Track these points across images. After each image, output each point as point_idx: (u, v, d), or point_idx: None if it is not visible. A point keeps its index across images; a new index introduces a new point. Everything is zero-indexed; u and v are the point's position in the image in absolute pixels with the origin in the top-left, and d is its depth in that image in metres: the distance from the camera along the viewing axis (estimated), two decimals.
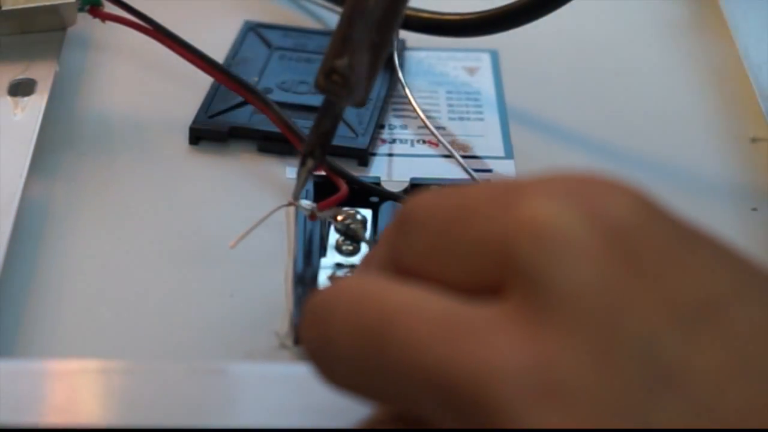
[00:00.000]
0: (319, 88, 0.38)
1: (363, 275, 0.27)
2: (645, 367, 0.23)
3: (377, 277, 0.26)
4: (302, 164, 0.39)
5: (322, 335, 0.25)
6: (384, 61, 0.38)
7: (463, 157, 0.43)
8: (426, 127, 0.44)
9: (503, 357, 0.23)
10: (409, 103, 0.46)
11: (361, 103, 0.38)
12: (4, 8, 0.44)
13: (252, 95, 0.43)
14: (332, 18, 0.51)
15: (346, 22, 0.37)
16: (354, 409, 0.27)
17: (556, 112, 0.47)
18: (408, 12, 0.44)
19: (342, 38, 0.37)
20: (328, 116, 0.38)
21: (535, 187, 0.24)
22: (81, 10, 0.44)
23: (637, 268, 0.23)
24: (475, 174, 0.42)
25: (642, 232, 0.24)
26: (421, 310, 0.24)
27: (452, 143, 0.44)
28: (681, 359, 0.23)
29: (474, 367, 0.23)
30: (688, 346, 0.23)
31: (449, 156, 0.43)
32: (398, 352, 0.24)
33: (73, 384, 0.31)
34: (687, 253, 0.24)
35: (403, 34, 0.48)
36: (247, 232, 0.38)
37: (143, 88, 0.47)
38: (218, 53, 0.46)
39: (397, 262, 0.26)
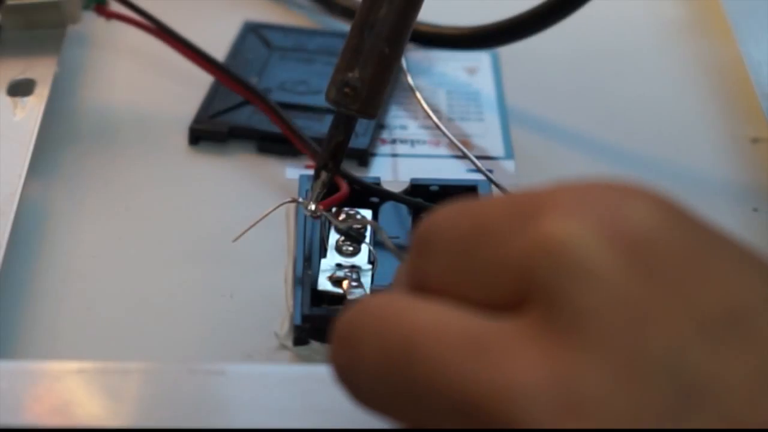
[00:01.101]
0: (331, 101, 0.38)
1: (388, 294, 0.27)
2: (670, 381, 0.22)
3: (401, 297, 0.26)
4: (316, 177, 0.39)
5: (349, 358, 0.25)
6: (396, 73, 0.38)
7: (463, 157, 0.43)
8: (438, 127, 0.44)
9: (525, 374, 0.23)
10: (411, 103, 0.46)
11: (373, 116, 0.38)
12: (8, 2, 0.44)
13: (252, 95, 0.43)
14: (332, 18, 0.51)
15: (357, 34, 0.37)
16: (353, 410, 0.27)
17: (556, 112, 0.47)
18: None
19: (353, 50, 0.37)
20: (340, 129, 0.38)
21: (553, 202, 0.24)
22: (86, 7, 0.45)
23: (659, 279, 0.23)
24: (487, 173, 0.42)
25: (662, 240, 0.23)
26: (443, 328, 0.24)
27: (452, 144, 0.44)
28: (708, 372, 0.22)
29: (496, 384, 0.23)
30: (715, 358, 0.22)
31: (450, 156, 0.43)
32: (422, 370, 0.24)
33: (73, 384, 0.31)
34: (710, 260, 0.23)
35: None
36: (250, 228, 0.38)
37: (143, 88, 0.47)
38: (218, 53, 0.46)
39: (420, 282, 0.26)
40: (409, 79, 0.46)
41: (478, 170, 0.42)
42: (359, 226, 0.38)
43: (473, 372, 0.23)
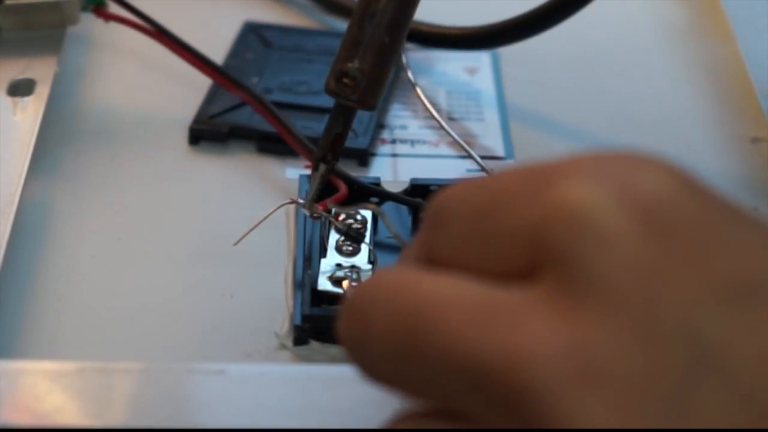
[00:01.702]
0: (330, 91, 0.38)
1: (398, 268, 0.27)
2: (685, 349, 0.22)
3: (412, 269, 0.26)
4: (315, 169, 0.39)
5: (360, 330, 0.25)
6: (395, 63, 0.38)
7: (463, 157, 0.43)
8: (438, 122, 0.44)
9: (538, 341, 0.22)
10: (412, 103, 0.46)
11: (372, 107, 0.38)
12: (7, 2, 0.44)
13: (249, 96, 0.43)
14: (332, 18, 0.51)
15: (356, 24, 0.37)
16: (354, 410, 0.27)
17: (556, 112, 0.47)
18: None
19: (352, 41, 0.37)
20: (339, 120, 0.38)
21: (566, 169, 0.24)
22: (85, 9, 0.45)
23: (674, 246, 0.23)
24: (490, 172, 0.42)
25: (678, 208, 0.23)
26: (455, 297, 0.24)
27: (453, 143, 0.44)
28: (723, 341, 0.22)
29: (508, 351, 0.22)
30: (730, 327, 0.22)
31: (450, 156, 0.43)
32: (434, 340, 0.24)
33: (73, 384, 0.31)
34: (725, 229, 0.23)
35: None
36: (250, 231, 0.38)
37: (143, 88, 0.47)
38: (218, 53, 0.46)
39: (431, 255, 0.26)
40: (410, 74, 0.46)
41: (482, 168, 0.42)
42: (359, 225, 0.38)
43: (486, 340, 0.23)
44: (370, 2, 0.37)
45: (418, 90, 0.42)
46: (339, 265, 0.38)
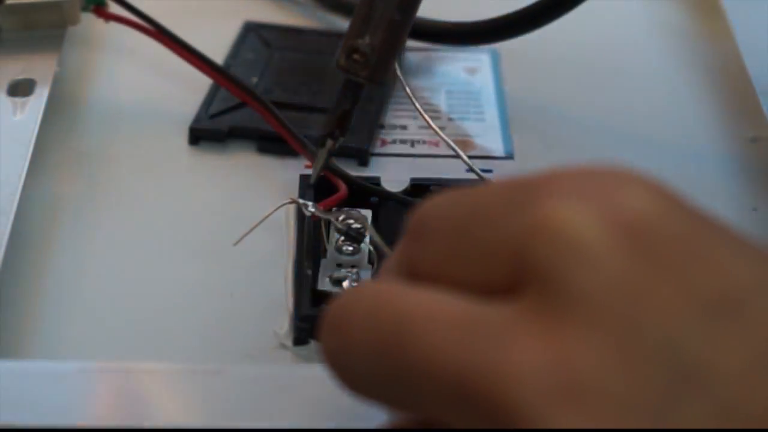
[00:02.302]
0: (340, 67, 0.38)
1: (379, 281, 0.27)
2: (667, 365, 0.22)
3: (393, 283, 0.26)
4: (321, 145, 0.39)
5: (340, 343, 0.25)
6: (405, 41, 0.38)
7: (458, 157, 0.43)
8: (429, 126, 0.44)
9: (521, 356, 0.22)
10: (411, 103, 0.46)
11: (381, 83, 0.38)
12: (7, 2, 0.44)
13: (251, 98, 0.43)
14: (332, 18, 0.51)
15: (367, 1, 0.37)
16: (353, 410, 0.27)
17: (556, 112, 0.47)
18: None
19: (363, 17, 0.38)
20: (348, 96, 0.39)
21: (549, 185, 0.24)
22: (85, 9, 0.45)
23: (656, 263, 0.23)
24: (480, 173, 0.42)
25: (660, 225, 0.23)
26: (437, 313, 0.24)
27: (452, 143, 0.44)
28: (704, 356, 0.22)
29: (491, 367, 0.23)
30: (712, 342, 0.22)
31: (451, 156, 0.43)
32: (415, 356, 0.24)
33: (74, 384, 0.31)
34: (707, 245, 0.23)
35: None
36: (250, 231, 0.38)
37: (143, 88, 0.47)
38: (218, 53, 0.46)
39: (412, 269, 0.26)
40: (400, 74, 0.45)
41: (471, 170, 0.42)
42: (359, 225, 0.38)
43: (468, 356, 0.23)
44: None
45: (409, 91, 0.42)
46: (339, 265, 0.38)
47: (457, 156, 0.43)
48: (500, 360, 0.22)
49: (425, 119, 0.44)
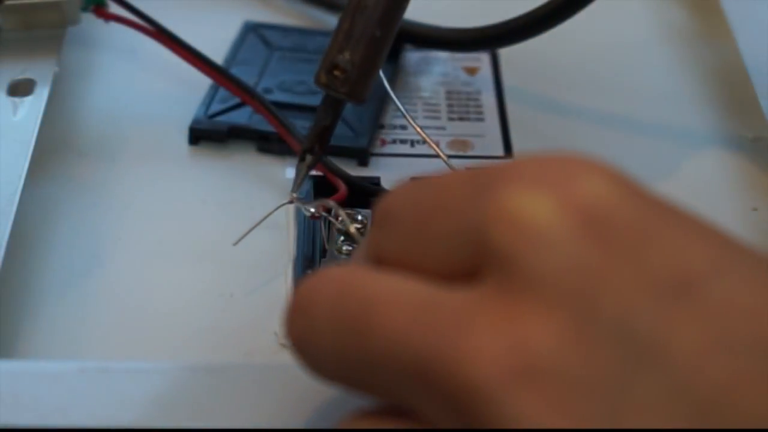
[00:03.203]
0: (320, 84, 0.38)
1: (345, 266, 0.28)
2: (622, 345, 0.23)
3: (357, 267, 0.26)
4: (301, 159, 0.39)
5: (305, 325, 0.26)
6: (386, 57, 0.38)
7: (463, 157, 0.43)
8: (419, 134, 0.44)
9: (479, 340, 0.23)
10: (411, 103, 0.46)
11: (361, 100, 0.38)
12: (7, 2, 0.44)
13: (251, 97, 0.43)
14: (332, 18, 0.51)
15: (348, 17, 0.37)
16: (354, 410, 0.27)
17: (556, 113, 0.47)
18: (405, 26, 0.44)
19: (343, 33, 0.37)
20: (328, 112, 0.39)
21: (508, 173, 0.25)
22: (85, 9, 0.44)
23: (611, 246, 0.23)
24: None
25: (616, 210, 0.24)
26: (399, 296, 0.24)
27: (452, 143, 0.44)
28: (659, 336, 0.23)
29: (450, 350, 0.23)
30: (666, 322, 0.23)
31: (451, 156, 0.43)
32: (377, 338, 0.24)
33: (73, 384, 0.31)
34: (663, 230, 0.24)
35: None
36: (250, 230, 0.38)
37: (143, 88, 0.47)
38: (218, 53, 0.46)
39: (377, 255, 0.26)
40: (386, 84, 0.45)
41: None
42: (359, 225, 0.38)
43: (428, 339, 0.23)
44: None
45: (394, 96, 0.42)
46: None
47: (457, 157, 0.43)
48: (459, 343, 0.23)
49: (409, 121, 0.44)
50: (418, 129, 0.42)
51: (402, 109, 0.42)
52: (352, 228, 0.37)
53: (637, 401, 0.22)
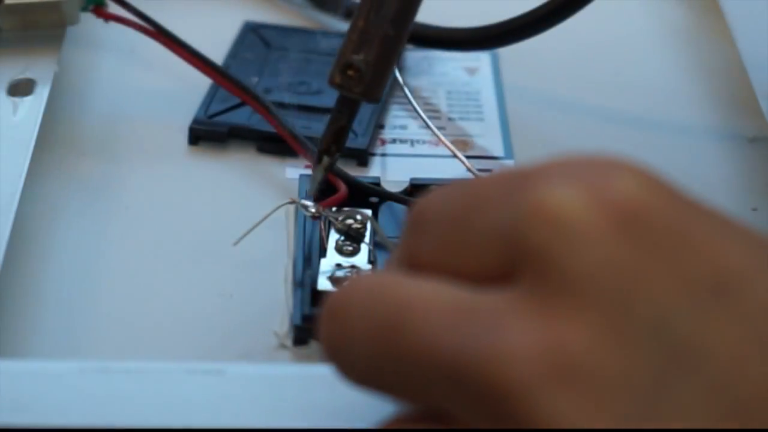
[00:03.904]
0: (334, 84, 0.38)
1: (379, 272, 0.28)
2: (660, 346, 0.22)
3: (391, 274, 0.26)
4: (318, 161, 0.39)
5: (338, 331, 0.25)
6: (399, 56, 0.38)
7: (459, 157, 0.43)
8: (428, 127, 0.44)
9: (514, 341, 0.23)
10: (410, 103, 0.46)
11: (376, 99, 0.38)
12: (6, 2, 0.44)
13: (250, 97, 0.43)
14: (332, 18, 0.51)
15: (362, 16, 0.37)
16: (354, 410, 0.27)
17: (556, 112, 0.47)
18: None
19: (357, 33, 0.37)
20: (343, 113, 0.39)
21: (542, 173, 0.24)
22: (84, 9, 0.44)
23: (648, 246, 0.23)
24: (477, 173, 0.42)
25: (652, 210, 0.24)
26: (433, 299, 0.24)
27: (452, 143, 0.44)
28: (697, 337, 0.22)
29: (485, 352, 0.23)
30: (703, 323, 0.23)
31: (450, 156, 0.43)
32: (412, 342, 0.24)
33: (73, 384, 0.31)
34: (698, 230, 0.24)
35: None
36: (250, 231, 0.38)
37: (143, 88, 0.47)
38: (218, 53, 0.46)
39: (412, 260, 0.26)
40: (398, 77, 0.45)
41: (468, 170, 0.42)
42: (359, 225, 0.38)
43: (463, 341, 0.23)
44: None
45: (407, 91, 0.42)
46: (339, 265, 0.38)
47: (455, 156, 0.43)
48: (494, 343, 0.23)
49: (424, 120, 0.44)
50: (435, 129, 0.42)
51: (418, 110, 0.42)
52: (381, 234, 0.37)
53: (676, 402, 0.22)
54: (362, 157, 0.43)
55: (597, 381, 0.22)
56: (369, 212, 0.40)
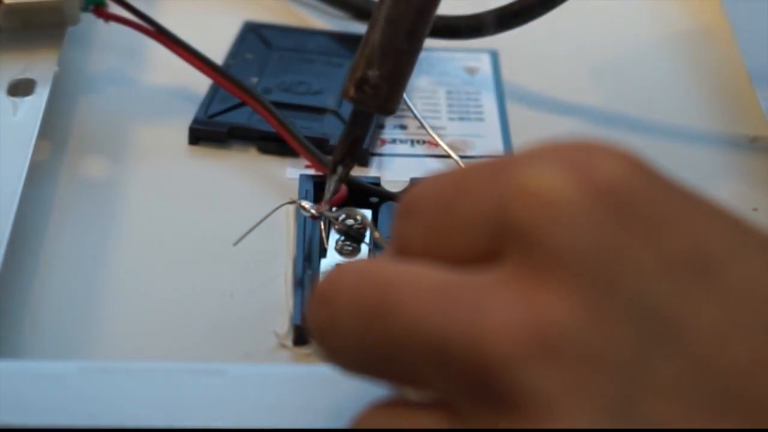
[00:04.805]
0: (349, 98, 0.38)
1: (367, 259, 0.28)
2: (641, 321, 0.23)
3: (379, 259, 0.27)
4: (332, 172, 0.39)
5: (327, 315, 0.26)
6: (413, 69, 0.38)
7: (463, 157, 0.43)
8: (423, 127, 0.44)
9: (498, 317, 0.23)
10: (407, 105, 0.46)
11: (391, 113, 0.38)
12: (6, 2, 0.44)
13: (250, 97, 0.43)
14: (332, 18, 0.51)
15: (378, 31, 0.37)
16: (354, 410, 0.27)
17: (556, 112, 0.47)
18: None
19: (371, 47, 0.37)
20: (358, 125, 0.38)
21: (528, 157, 0.25)
22: (85, 9, 0.44)
23: (632, 224, 0.24)
24: None
25: (635, 191, 0.24)
26: (420, 279, 0.24)
27: (452, 143, 0.44)
28: (677, 314, 0.23)
29: (469, 328, 0.23)
30: (684, 300, 0.23)
31: (449, 156, 0.43)
32: (398, 320, 0.24)
33: (73, 384, 0.31)
34: (680, 211, 0.24)
35: None
36: (250, 231, 0.38)
37: (143, 88, 0.47)
38: (218, 53, 0.46)
39: (402, 248, 0.26)
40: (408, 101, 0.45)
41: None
42: (359, 226, 0.38)
43: (448, 318, 0.24)
44: (390, 8, 0.37)
45: (408, 101, 0.42)
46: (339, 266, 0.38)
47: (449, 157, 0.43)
48: (478, 320, 0.23)
49: (421, 123, 0.44)
50: (430, 130, 0.42)
51: (414, 111, 0.42)
52: (377, 234, 0.37)
53: (656, 378, 0.22)
54: (362, 157, 0.43)
55: (579, 356, 0.23)
56: (369, 213, 0.40)
